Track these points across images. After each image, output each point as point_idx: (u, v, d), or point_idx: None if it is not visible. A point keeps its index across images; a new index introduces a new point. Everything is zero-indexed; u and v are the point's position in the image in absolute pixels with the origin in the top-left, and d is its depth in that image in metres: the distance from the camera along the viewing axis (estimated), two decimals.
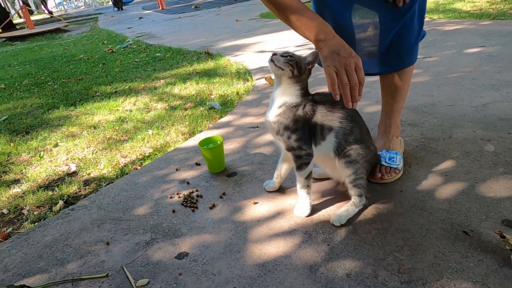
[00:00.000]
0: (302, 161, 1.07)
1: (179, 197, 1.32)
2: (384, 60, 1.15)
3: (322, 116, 1.04)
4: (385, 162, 1.22)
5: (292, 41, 3.59)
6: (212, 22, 6.27)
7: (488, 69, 2.07)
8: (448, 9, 3.98)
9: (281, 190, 1.27)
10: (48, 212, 1.39)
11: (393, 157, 1.23)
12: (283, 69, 1.01)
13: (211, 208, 1.23)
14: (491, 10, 3.64)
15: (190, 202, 1.27)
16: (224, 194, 1.30)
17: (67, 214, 1.33)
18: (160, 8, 11.12)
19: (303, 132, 1.04)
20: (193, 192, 1.33)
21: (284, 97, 1.05)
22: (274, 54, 1.02)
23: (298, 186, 1.12)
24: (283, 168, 1.21)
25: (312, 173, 1.11)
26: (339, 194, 1.20)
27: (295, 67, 1.01)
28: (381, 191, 1.19)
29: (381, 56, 1.14)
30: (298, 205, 1.14)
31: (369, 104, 1.86)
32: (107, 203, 1.36)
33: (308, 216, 1.13)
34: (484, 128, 1.46)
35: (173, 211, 1.25)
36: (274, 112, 1.06)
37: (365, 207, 1.12)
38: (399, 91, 1.23)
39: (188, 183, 1.41)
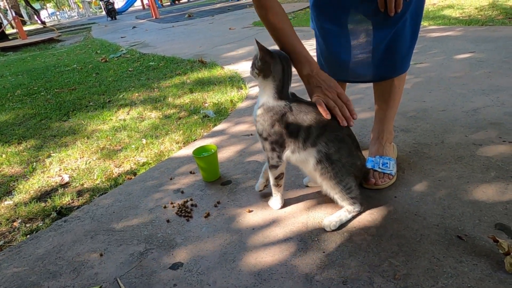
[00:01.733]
0: (273, 162, 1.10)
1: (173, 206, 1.31)
2: (378, 67, 1.17)
3: (307, 127, 1.01)
4: (379, 168, 1.23)
5: None
6: (206, 30, 6.31)
7: (478, 74, 2.10)
8: (438, 15, 4.05)
9: None
10: (41, 224, 1.37)
11: (387, 163, 1.24)
12: (253, 74, 1.05)
13: (205, 217, 1.23)
14: (480, 16, 3.71)
15: (184, 212, 1.26)
16: (218, 202, 1.29)
17: (59, 226, 1.31)
18: (154, 17, 11.18)
19: (280, 136, 1.04)
20: (187, 201, 1.33)
21: (263, 98, 1.06)
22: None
23: (270, 182, 1.17)
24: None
25: (283, 175, 1.15)
26: (333, 201, 1.20)
27: (254, 68, 1.02)
28: (375, 197, 1.19)
29: (374, 63, 1.15)
30: (271, 199, 1.21)
31: (362, 110, 1.87)
32: (101, 214, 1.34)
33: (280, 208, 1.21)
34: (476, 133, 1.47)
35: (168, 221, 1.24)
36: (256, 112, 1.08)
37: (359, 213, 1.12)
38: (392, 98, 1.25)
39: (182, 192, 1.40)
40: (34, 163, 1.91)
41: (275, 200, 1.19)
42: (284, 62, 1.02)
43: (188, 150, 1.75)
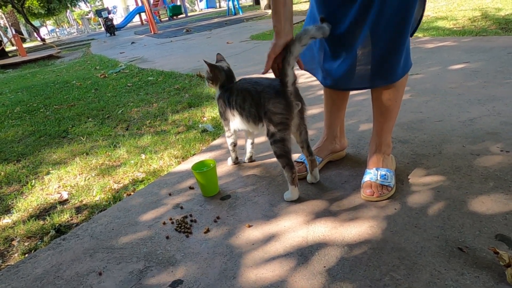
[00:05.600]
0: (227, 134, 1.56)
1: (173, 222, 1.30)
2: (375, 75, 1.17)
3: (228, 99, 1.41)
4: (377, 180, 1.23)
5: None
6: (204, 45, 6.38)
7: (473, 84, 2.12)
8: (432, 27, 4.11)
9: (275, 212, 1.27)
10: (39, 243, 1.36)
11: (385, 175, 1.24)
12: (208, 85, 1.53)
13: (205, 233, 1.22)
14: (473, 27, 3.77)
15: (184, 227, 1.25)
16: (218, 218, 1.29)
17: (58, 244, 1.30)
18: (152, 32, 11.29)
19: (224, 111, 1.47)
20: (186, 216, 1.32)
21: (216, 92, 1.52)
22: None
23: (229, 148, 1.63)
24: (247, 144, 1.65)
25: (236, 144, 1.60)
26: (333, 215, 1.20)
27: (208, 81, 1.51)
28: (375, 210, 1.19)
29: (372, 71, 1.17)
30: (229, 158, 1.69)
31: (359, 122, 1.89)
32: (100, 231, 1.34)
33: (233, 164, 1.67)
34: (473, 143, 1.48)
35: (167, 237, 1.23)
36: (216, 101, 1.56)
37: (354, 219, 1.12)
38: (389, 110, 1.26)
39: (181, 207, 1.40)
40: (33, 181, 1.90)
41: (230, 158, 1.68)
42: (225, 70, 1.47)
43: (187, 165, 1.75)
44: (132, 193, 1.60)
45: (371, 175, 1.25)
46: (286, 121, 1.20)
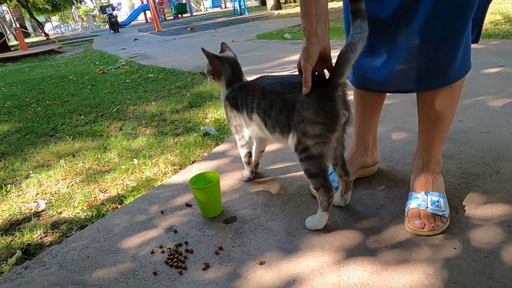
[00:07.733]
0: (240, 143, 1.28)
1: (163, 251, 1.03)
2: (426, 73, 0.93)
3: (245, 100, 1.12)
4: (428, 207, 0.96)
5: (290, 62, 3.42)
6: (208, 43, 6.16)
7: None
8: None
9: (294, 244, 1.00)
10: (3, 265, 1.10)
11: (437, 201, 0.97)
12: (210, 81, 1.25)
13: (204, 269, 0.94)
14: (497, 30, 3.56)
15: (177, 260, 0.98)
16: (220, 248, 1.01)
17: (18, 274, 1.03)
18: (156, 30, 11.15)
19: (236, 116, 1.20)
20: (181, 244, 1.05)
21: (222, 91, 1.25)
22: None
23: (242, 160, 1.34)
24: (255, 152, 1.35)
25: (251, 154, 1.32)
26: (371, 253, 0.93)
27: (209, 75, 1.24)
28: (427, 248, 0.91)
29: (422, 69, 0.92)
30: (243, 171, 1.40)
31: (388, 131, 1.62)
32: (71, 258, 1.07)
33: (247, 180, 1.38)
34: None
35: (155, 274, 0.96)
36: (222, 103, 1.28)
37: (401, 262, 0.84)
38: (443, 118, 0.99)
39: (175, 231, 1.13)
40: (9, 185, 1.65)
41: (245, 172, 1.38)
42: (230, 62, 1.22)
43: (185, 175, 1.49)
44: (118, 207, 1.34)
45: (419, 200, 0.98)
46: (327, 134, 0.92)
